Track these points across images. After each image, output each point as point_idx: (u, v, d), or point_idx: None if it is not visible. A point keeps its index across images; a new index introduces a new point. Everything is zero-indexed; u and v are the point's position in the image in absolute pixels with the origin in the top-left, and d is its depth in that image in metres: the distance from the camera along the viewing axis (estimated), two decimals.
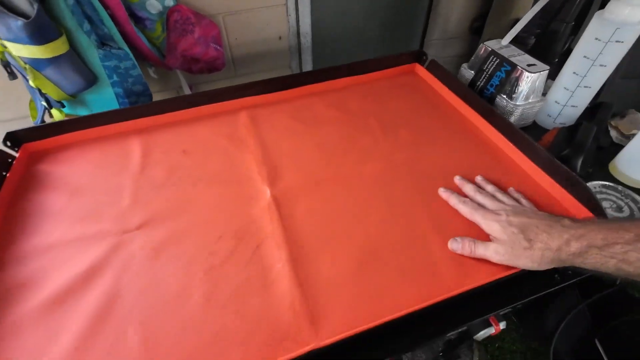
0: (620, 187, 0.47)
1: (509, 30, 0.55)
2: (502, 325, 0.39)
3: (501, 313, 0.40)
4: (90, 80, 0.59)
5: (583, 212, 0.40)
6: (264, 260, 0.38)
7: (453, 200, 0.42)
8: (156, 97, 0.78)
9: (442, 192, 0.43)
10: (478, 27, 0.87)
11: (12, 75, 0.57)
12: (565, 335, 0.73)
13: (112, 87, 0.61)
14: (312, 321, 0.33)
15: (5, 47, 0.53)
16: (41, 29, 0.51)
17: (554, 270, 0.39)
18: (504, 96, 0.55)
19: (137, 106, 0.56)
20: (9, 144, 0.50)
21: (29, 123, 0.75)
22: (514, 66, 0.53)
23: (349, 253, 0.39)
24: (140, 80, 0.64)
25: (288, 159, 0.50)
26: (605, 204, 0.45)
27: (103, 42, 0.59)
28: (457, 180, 0.45)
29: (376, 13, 1.01)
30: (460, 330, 0.39)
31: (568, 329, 0.72)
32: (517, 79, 0.52)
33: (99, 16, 0.57)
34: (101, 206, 0.45)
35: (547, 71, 0.51)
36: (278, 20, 0.86)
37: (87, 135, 0.54)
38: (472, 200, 0.42)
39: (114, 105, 0.63)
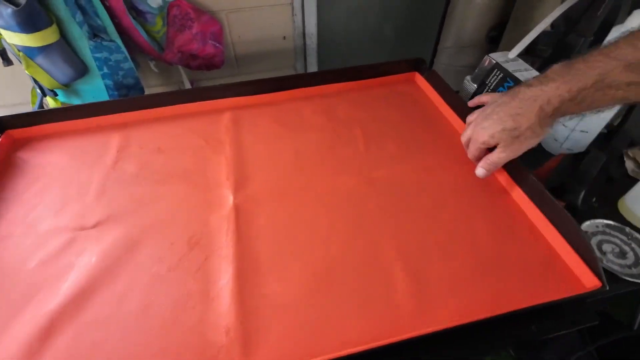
0: (627, 229, 0.41)
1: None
2: None
3: None
4: (81, 70, 0.59)
5: (572, 256, 0.35)
6: (209, 274, 0.36)
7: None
8: (157, 91, 0.78)
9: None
10: (495, 37, 0.81)
11: (7, 62, 0.58)
12: None
13: (102, 79, 0.61)
14: (245, 348, 0.30)
15: (0, 34, 0.54)
16: (31, 17, 0.51)
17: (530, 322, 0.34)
18: None
19: (120, 100, 0.56)
20: None
21: (31, 109, 0.77)
22: (517, 82, 0.47)
23: (302, 276, 0.36)
24: (131, 74, 0.64)
25: (260, 165, 0.48)
26: (606, 247, 0.40)
27: (95, 33, 0.59)
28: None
29: (388, 17, 0.97)
30: None
31: None
32: None
33: (93, 7, 0.57)
34: (66, 200, 0.44)
35: None
36: (283, 20, 0.84)
37: (69, 126, 0.54)
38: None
39: (104, 96, 0.63)
